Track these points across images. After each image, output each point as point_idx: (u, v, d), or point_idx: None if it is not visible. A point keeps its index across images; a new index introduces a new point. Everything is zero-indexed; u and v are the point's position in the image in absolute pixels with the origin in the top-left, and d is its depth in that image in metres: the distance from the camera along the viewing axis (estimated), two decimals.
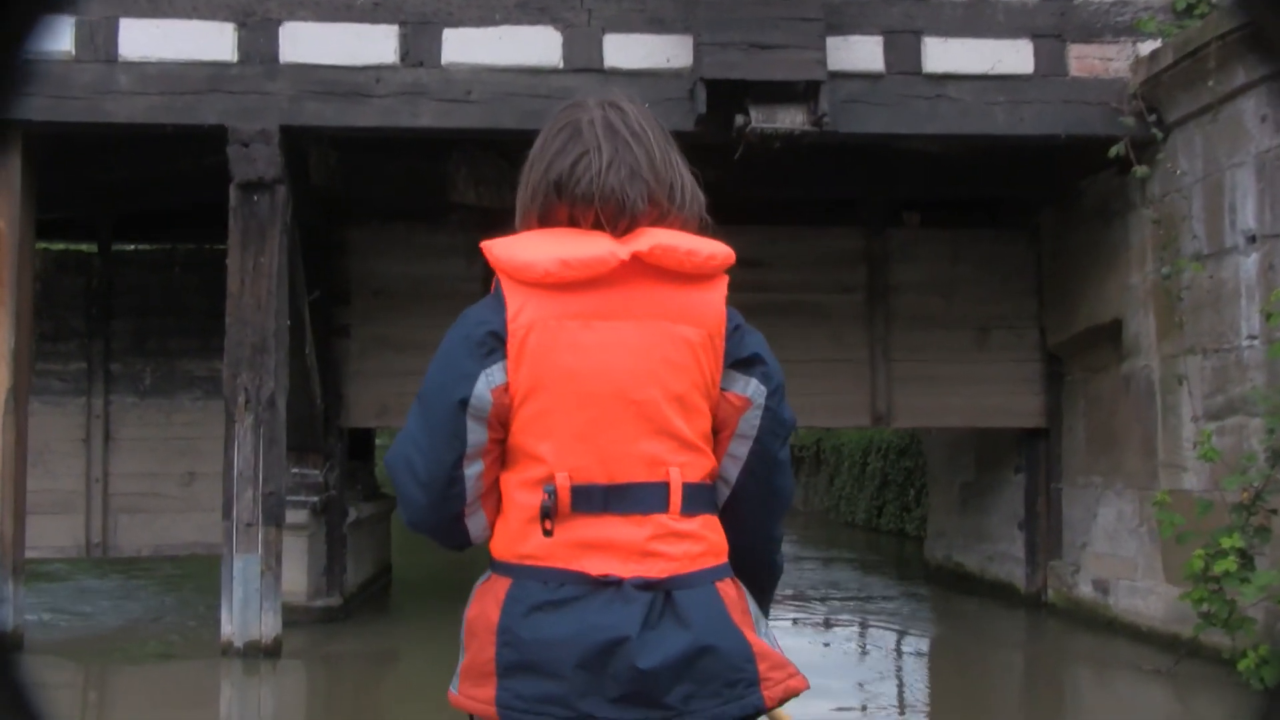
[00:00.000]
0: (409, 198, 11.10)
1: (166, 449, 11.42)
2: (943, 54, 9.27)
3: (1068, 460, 11.70)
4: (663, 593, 1.99)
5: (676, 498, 2.03)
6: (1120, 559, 10.39)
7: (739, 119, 8.78)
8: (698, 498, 2.07)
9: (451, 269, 11.35)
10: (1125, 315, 10.27)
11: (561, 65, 8.98)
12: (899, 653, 10.71)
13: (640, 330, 2.05)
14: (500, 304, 2.05)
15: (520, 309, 2.03)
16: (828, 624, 12.45)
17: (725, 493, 2.14)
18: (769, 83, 8.69)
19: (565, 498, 2.01)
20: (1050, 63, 9.39)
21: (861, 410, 11.79)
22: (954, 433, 13.74)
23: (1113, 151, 9.12)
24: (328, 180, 10.26)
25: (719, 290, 2.17)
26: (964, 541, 13.92)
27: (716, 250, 2.17)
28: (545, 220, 2.12)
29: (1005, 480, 12.75)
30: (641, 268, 2.05)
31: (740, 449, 2.12)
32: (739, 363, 2.14)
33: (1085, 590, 11.04)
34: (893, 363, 11.80)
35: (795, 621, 12.33)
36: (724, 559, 2.09)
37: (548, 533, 2.01)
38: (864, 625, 12.17)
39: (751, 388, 2.12)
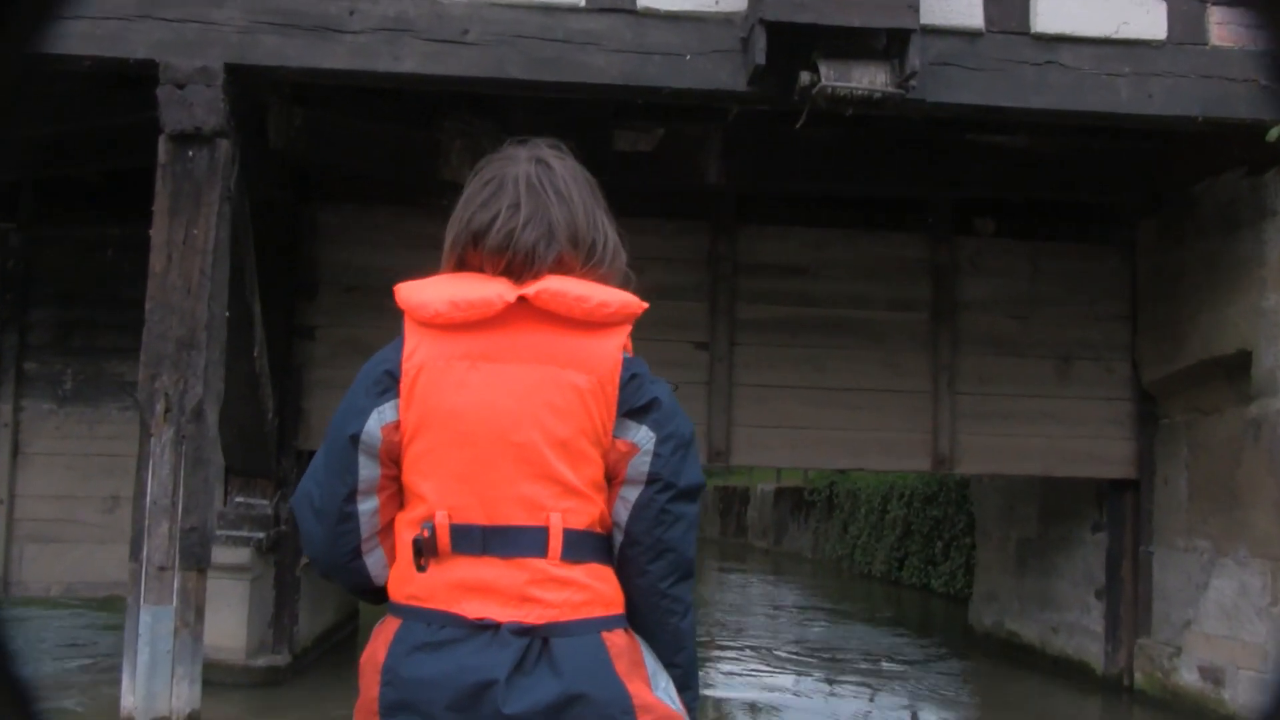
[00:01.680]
0: (391, 173, 9.24)
1: (87, 467, 9.50)
2: (1056, 11, 7.45)
3: (1163, 518, 9.83)
4: (539, 639, 1.96)
5: (556, 543, 2.00)
6: (1242, 643, 8.49)
7: (804, 76, 6.94)
8: (582, 545, 2.02)
9: (431, 259, 9.50)
10: (1256, 346, 8.42)
11: (583, 3, 7.14)
12: None
13: (525, 373, 2.03)
14: (400, 344, 2.07)
15: (415, 349, 2.05)
16: (834, 692, 10.54)
17: (620, 539, 2.07)
18: (846, 30, 6.85)
19: (445, 536, 2.00)
20: (1187, 28, 7.57)
21: (920, 451, 9.91)
22: (1011, 479, 11.86)
23: (1273, 134, 7.28)
24: (290, 143, 8.41)
25: (614, 339, 2.06)
26: (1020, 607, 12.02)
27: (611, 299, 2.07)
28: (461, 267, 2.13)
29: (1079, 539, 10.88)
30: (532, 313, 2.04)
31: (630, 494, 2.06)
32: (633, 411, 2.05)
33: (1189, 678, 9.13)
34: (959, 396, 9.95)
35: (797, 693, 10.46)
36: (615, 610, 2.04)
37: (421, 568, 2.00)
38: (882, 698, 10.25)
39: (641, 434, 2.05)
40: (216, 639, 8.70)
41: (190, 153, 6.97)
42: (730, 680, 11.14)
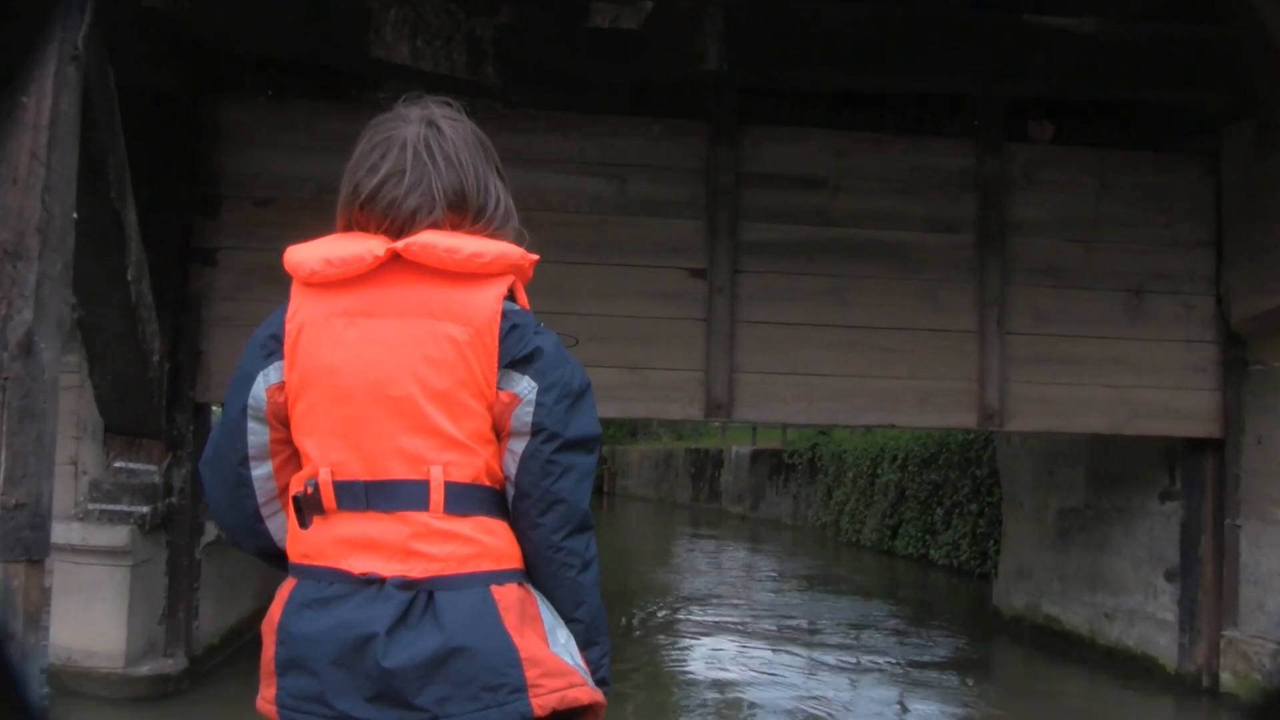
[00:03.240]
0: (308, 51, 7.32)
1: None
2: None
3: (1255, 485, 8.13)
4: (424, 593, 1.93)
5: (438, 496, 1.96)
6: None
7: None
8: (467, 498, 1.98)
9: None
10: None
11: None
12: None
13: (401, 327, 1.99)
14: (284, 308, 2.05)
15: (296, 309, 2.03)
16: (854, 695, 8.80)
17: (512, 493, 2.02)
18: None
19: (328, 493, 1.98)
20: None
21: (964, 404, 8.13)
22: (1052, 438, 10.12)
23: None
24: (171, 3, 6.47)
25: (492, 289, 2.01)
26: (1061, 588, 10.31)
27: (485, 250, 2.01)
28: (350, 228, 2.08)
29: (1142, 509, 9.15)
30: (407, 267, 1.99)
31: (516, 446, 2.00)
32: (515, 361, 2.00)
33: None
34: (1010, 337, 8.17)
35: (775, 677, 8.79)
36: (508, 564, 1.99)
37: (305, 525, 1.99)
38: (915, 701, 8.50)
39: (523, 385, 2.00)
40: (86, 642, 6.89)
41: None
42: (705, 661, 9.46)
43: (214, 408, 8.04)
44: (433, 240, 1.98)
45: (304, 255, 2.04)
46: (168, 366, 7.39)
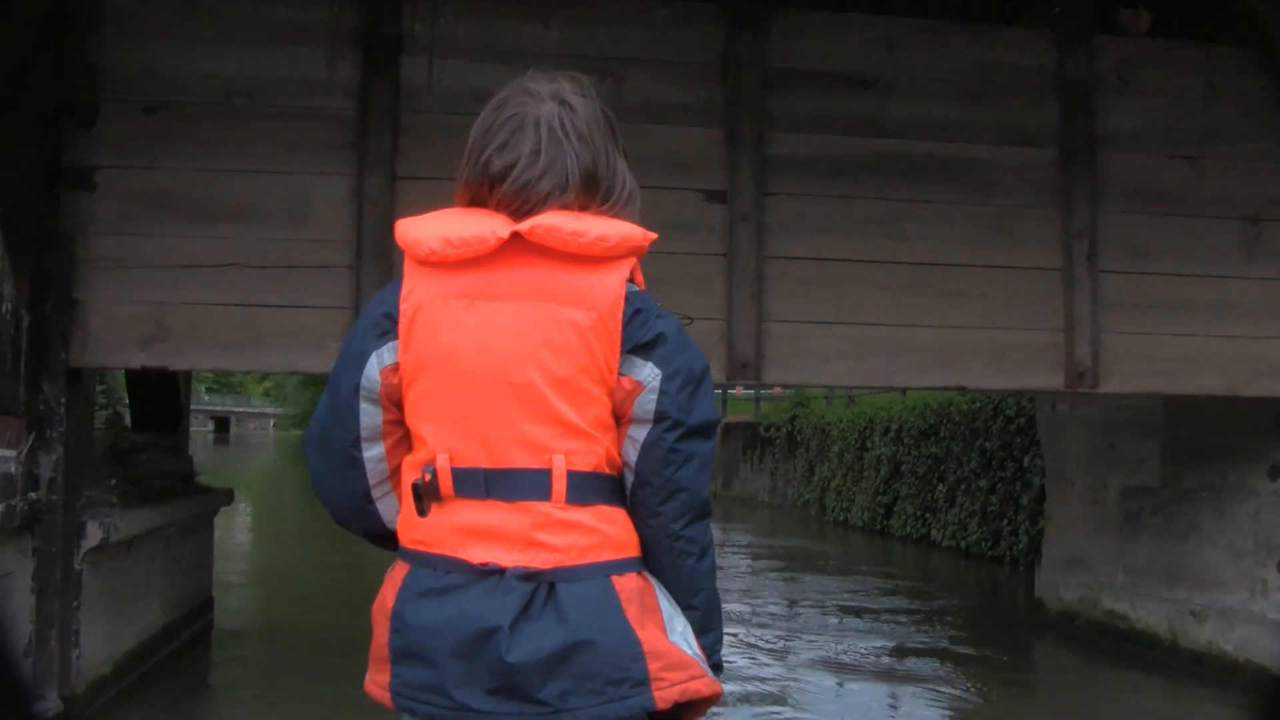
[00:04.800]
0: None
1: None
2: None
3: None
4: (546, 585, 1.89)
5: (560, 486, 1.91)
6: None
7: None
8: (588, 487, 1.93)
9: (300, 69, 6.07)
10: None
11: None
12: None
13: (522, 311, 1.93)
14: (399, 284, 1.99)
15: (412, 289, 1.97)
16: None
17: (631, 480, 1.98)
18: None
19: (446, 480, 1.94)
20: None
21: (1048, 361, 6.51)
22: (1111, 404, 8.54)
23: None
24: None
25: (616, 273, 1.95)
26: (1129, 580, 8.75)
27: (610, 232, 1.94)
28: (471, 203, 2.02)
29: (1244, 487, 7.63)
30: (530, 249, 1.94)
31: (638, 433, 1.96)
32: (638, 347, 1.95)
33: None
34: (1103, 276, 6.54)
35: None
36: (627, 553, 1.95)
37: (422, 513, 1.95)
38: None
39: (646, 371, 1.94)
40: None
41: None
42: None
43: (98, 375, 6.32)
44: (558, 223, 1.92)
45: (420, 232, 1.97)
46: (27, 321, 5.64)
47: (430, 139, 6.02)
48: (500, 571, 1.88)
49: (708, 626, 2.01)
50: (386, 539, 2.06)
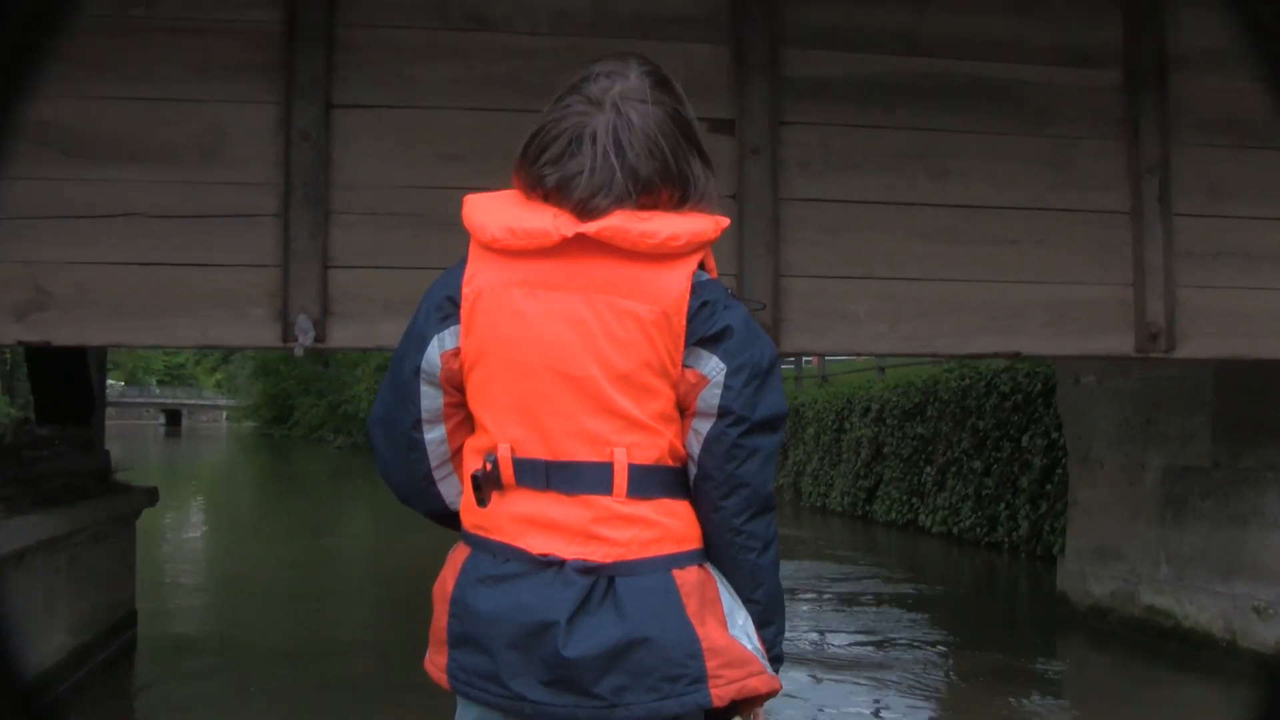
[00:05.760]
0: None
1: None
2: None
3: None
4: (605, 578, 1.88)
5: (621, 480, 1.90)
6: None
7: None
8: (650, 480, 1.92)
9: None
10: None
11: None
12: None
13: (583, 303, 1.90)
14: (463, 267, 1.98)
15: (475, 274, 1.96)
16: None
17: (694, 472, 1.96)
18: None
19: (508, 470, 1.93)
20: None
21: (1115, 320, 5.50)
22: (1149, 375, 7.54)
23: None
24: None
25: (684, 268, 1.91)
26: (1173, 572, 7.78)
27: (680, 231, 1.90)
28: (529, 196, 1.96)
29: None
30: (594, 243, 1.89)
31: (701, 427, 1.93)
32: (704, 340, 1.91)
33: None
34: (1177, 220, 5.52)
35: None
36: (689, 546, 1.93)
37: (482, 502, 1.95)
38: None
39: (711, 365, 1.91)
40: None
41: None
42: None
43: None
44: (625, 225, 1.88)
45: (487, 217, 1.95)
46: None
47: (373, 58, 4.94)
48: (560, 563, 1.88)
49: (769, 620, 1.98)
50: (448, 519, 2.05)
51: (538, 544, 1.89)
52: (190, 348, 5.25)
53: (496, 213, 1.93)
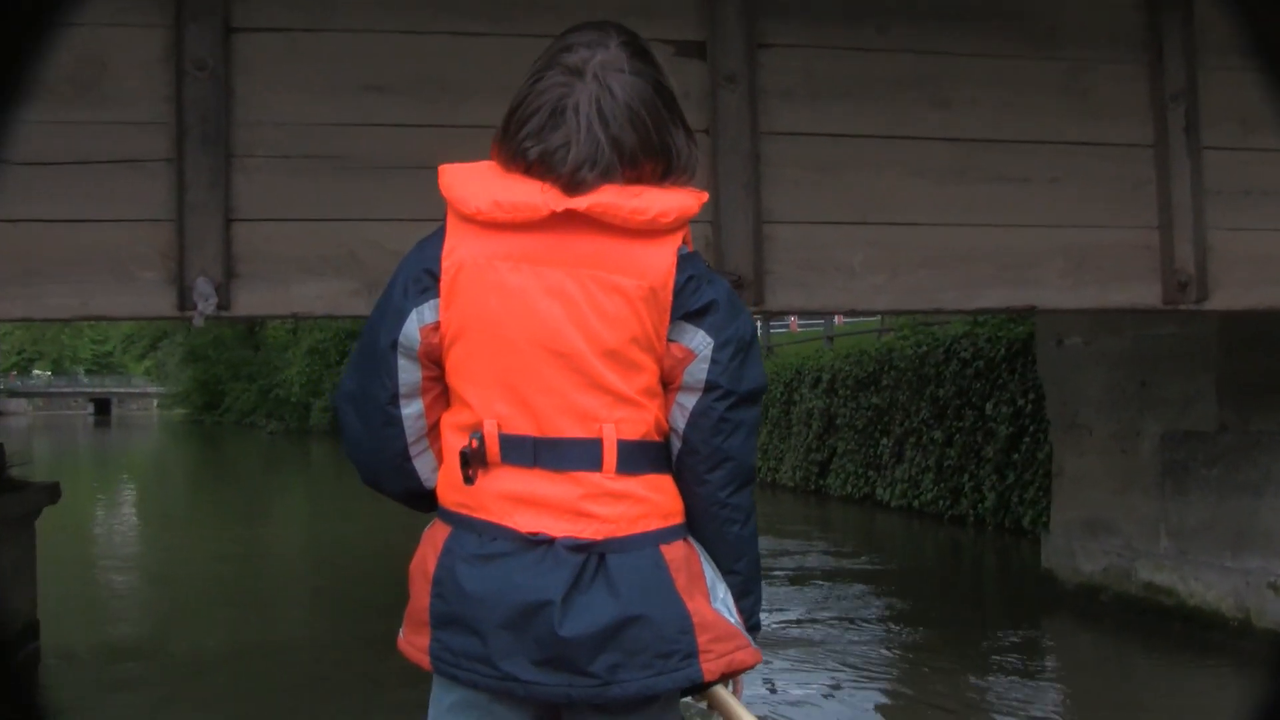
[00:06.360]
0: None
1: None
2: None
3: None
4: (595, 555, 1.86)
5: (611, 456, 1.89)
6: None
7: None
8: (637, 456, 1.90)
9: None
10: None
11: None
12: None
13: (569, 277, 1.88)
14: (441, 238, 1.94)
15: (455, 246, 1.92)
16: None
17: (678, 446, 1.95)
18: None
19: (494, 447, 1.90)
20: None
21: (1140, 268, 4.86)
22: (1148, 333, 6.95)
23: None
24: None
25: (670, 244, 1.89)
26: (1174, 546, 7.22)
27: (669, 207, 1.88)
28: (509, 170, 1.92)
29: None
30: (582, 218, 1.87)
31: (687, 401, 1.93)
32: (691, 313, 1.91)
33: None
34: (1206, 154, 4.89)
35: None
36: (674, 520, 1.93)
37: (469, 480, 1.91)
38: None
39: (697, 339, 1.91)
40: None
41: None
42: None
43: None
44: (616, 201, 1.86)
45: (469, 190, 1.90)
46: None
47: None
48: (549, 541, 1.85)
49: (749, 590, 1.98)
50: (422, 499, 2.00)
51: (525, 522, 1.86)
52: (67, 320, 4.46)
53: (480, 185, 1.90)
